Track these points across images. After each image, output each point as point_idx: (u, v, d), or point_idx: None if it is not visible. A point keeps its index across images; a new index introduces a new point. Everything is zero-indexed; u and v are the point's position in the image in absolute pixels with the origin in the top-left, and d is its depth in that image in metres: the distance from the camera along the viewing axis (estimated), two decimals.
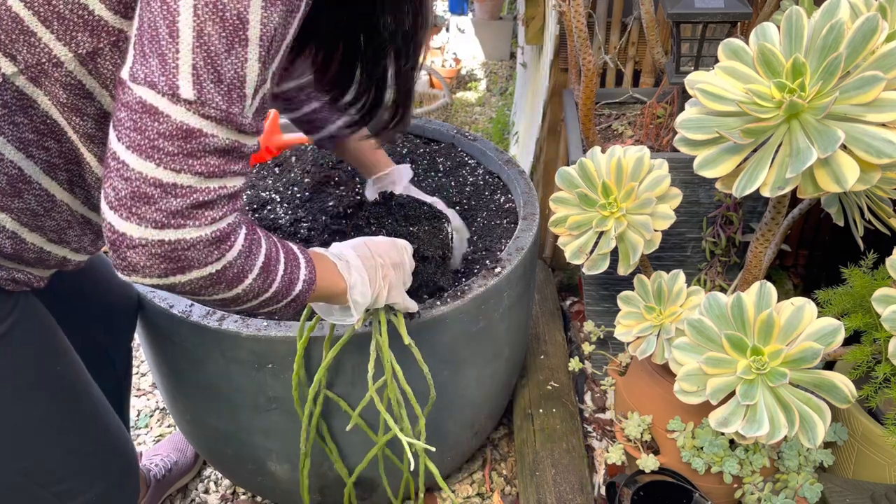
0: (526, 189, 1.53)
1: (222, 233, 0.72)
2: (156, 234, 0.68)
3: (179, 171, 0.67)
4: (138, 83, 0.65)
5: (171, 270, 0.71)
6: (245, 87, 0.68)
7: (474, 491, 1.61)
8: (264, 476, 1.35)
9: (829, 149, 0.88)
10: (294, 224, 1.44)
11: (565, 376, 1.72)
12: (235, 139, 0.70)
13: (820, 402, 1.02)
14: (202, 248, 0.71)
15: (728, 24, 1.40)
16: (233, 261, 0.75)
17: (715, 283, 1.55)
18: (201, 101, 0.66)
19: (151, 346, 1.30)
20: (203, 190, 0.69)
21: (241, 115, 0.69)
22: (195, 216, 0.69)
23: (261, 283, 0.81)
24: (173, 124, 0.66)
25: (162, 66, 0.65)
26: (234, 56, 0.66)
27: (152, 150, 0.66)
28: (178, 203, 0.68)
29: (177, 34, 0.64)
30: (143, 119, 0.66)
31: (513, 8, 4.34)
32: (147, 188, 0.67)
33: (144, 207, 0.67)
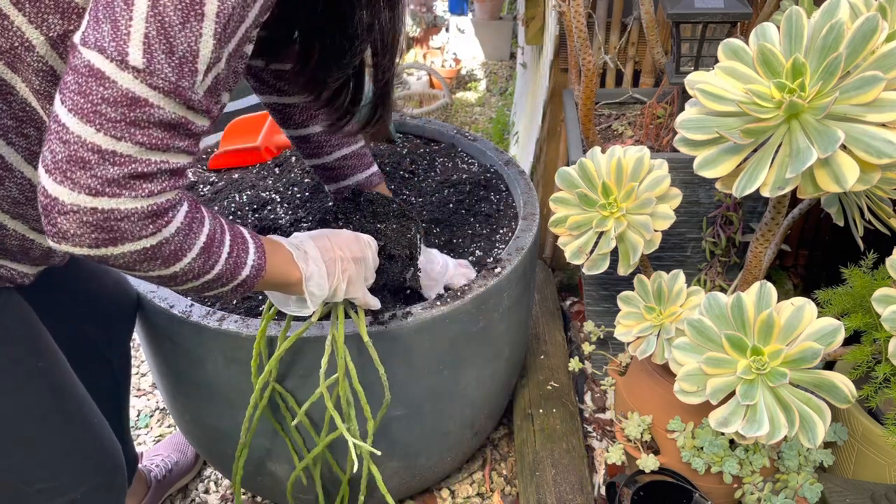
0: (526, 189, 1.53)
1: (159, 207, 0.71)
2: (88, 202, 0.66)
3: (120, 139, 0.66)
4: (88, 47, 0.64)
5: (103, 241, 0.69)
6: (197, 62, 0.67)
7: (474, 491, 1.61)
8: (264, 476, 1.35)
9: (829, 149, 0.88)
10: (294, 224, 1.44)
11: (565, 376, 1.72)
12: (183, 114, 0.69)
13: (820, 402, 1.02)
14: (136, 221, 0.69)
15: (728, 25, 1.40)
16: (170, 237, 0.73)
17: (715, 283, 1.55)
18: (150, 71, 0.65)
19: (151, 345, 1.30)
20: (143, 161, 0.68)
21: (190, 90, 0.68)
22: (132, 186, 0.68)
23: (201, 263, 0.79)
24: (118, 90, 0.64)
25: (114, 31, 0.64)
26: (189, 29, 0.65)
27: (94, 114, 0.65)
28: (114, 171, 0.66)
29: (132, 2, 0.63)
30: (88, 83, 0.64)
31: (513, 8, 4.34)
32: (84, 153, 0.65)
33: (80, 172, 0.65)
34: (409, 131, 1.84)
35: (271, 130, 1.73)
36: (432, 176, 1.65)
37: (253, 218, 1.46)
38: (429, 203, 1.54)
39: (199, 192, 1.58)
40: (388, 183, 1.61)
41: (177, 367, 1.26)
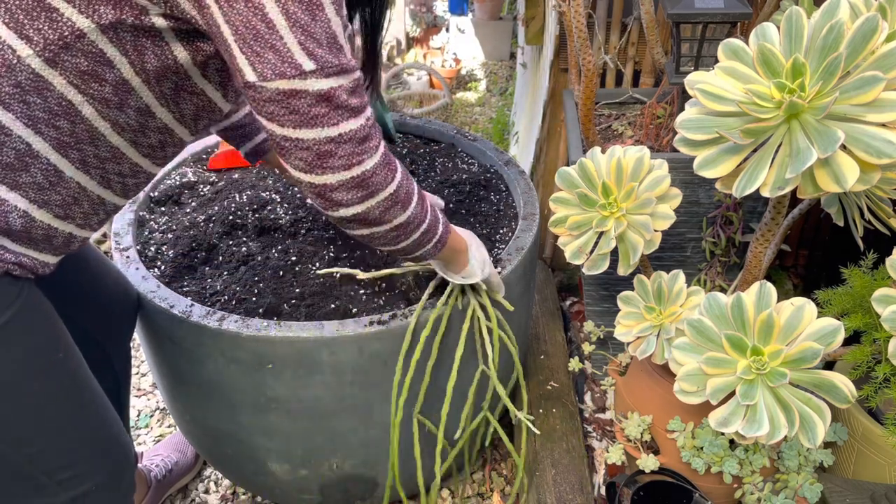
0: (526, 189, 1.53)
1: (384, 156, 0.88)
2: (347, 174, 0.84)
3: (338, 124, 0.81)
4: (270, 79, 0.76)
5: (366, 196, 0.87)
6: (338, 39, 0.79)
7: (474, 491, 1.61)
8: (264, 476, 1.35)
9: (828, 149, 0.88)
10: (294, 224, 1.44)
11: (565, 376, 1.72)
12: (353, 78, 0.82)
13: (820, 403, 1.02)
14: (380, 172, 0.87)
15: (728, 25, 1.40)
16: (400, 181, 0.91)
17: (715, 284, 1.55)
18: (321, 67, 0.77)
19: (151, 346, 1.30)
20: (359, 128, 0.83)
21: (347, 61, 0.80)
22: (366, 150, 0.84)
23: (419, 209, 0.97)
24: (314, 94, 0.78)
25: (278, 55, 0.75)
26: (319, 20, 0.76)
27: (312, 119, 0.79)
28: (349, 147, 0.83)
29: (273, 24, 0.74)
30: (291, 102, 0.78)
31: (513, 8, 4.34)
32: (325, 147, 0.81)
33: (330, 160, 0.82)
34: (409, 131, 1.84)
35: None
36: (432, 176, 1.65)
37: (253, 218, 1.46)
38: None
39: (199, 192, 1.58)
40: None
41: (177, 367, 1.26)
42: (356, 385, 1.19)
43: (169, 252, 1.38)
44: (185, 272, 1.33)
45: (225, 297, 1.26)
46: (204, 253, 1.37)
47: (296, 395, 1.19)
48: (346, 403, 1.21)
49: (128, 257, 1.32)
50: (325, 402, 1.21)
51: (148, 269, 1.31)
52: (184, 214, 1.50)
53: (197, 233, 1.42)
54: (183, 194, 1.57)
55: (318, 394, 1.19)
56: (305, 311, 1.22)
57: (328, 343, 1.13)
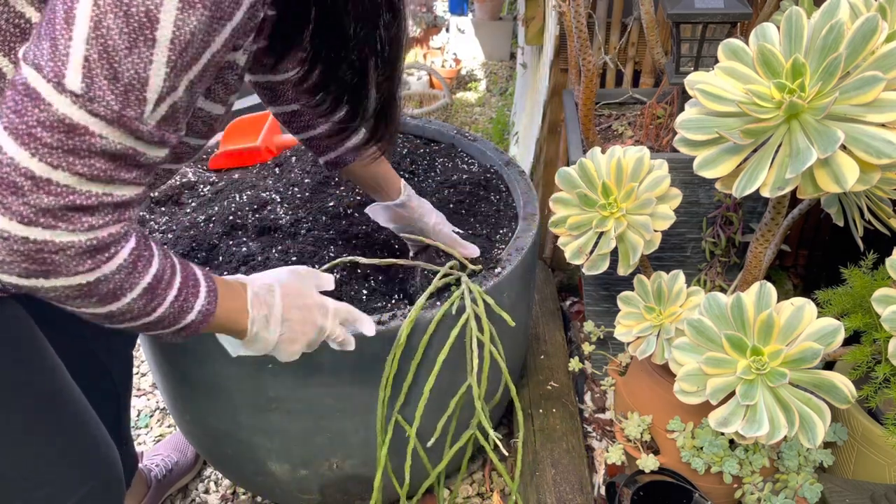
0: (526, 189, 1.53)
1: (100, 242, 0.66)
2: (20, 230, 0.62)
3: (56, 167, 0.61)
4: (27, 63, 0.61)
5: (34, 272, 0.65)
6: (146, 91, 0.62)
7: (474, 491, 1.61)
8: (264, 476, 1.35)
9: (828, 149, 0.88)
10: (294, 224, 1.44)
11: (565, 376, 1.72)
12: (130, 145, 0.64)
13: (820, 403, 1.02)
14: (73, 255, 0.65)
15: (728, 25, 1.40)
16: (109, 275, 0.69)
17: (715, 284, 1.55)
18: (89, 97, 0.60)
19: (151, 346, 1.30)
20: (83, 193, 0.63)
21: (137, 120, 0.63)
22: (69, 218, 0.63)
23: (143, 304, 0.75)
24: (54, 115, 0.60)
25: (52, 50, 0.60)
26: (136, 55, 0.60)
27: (29, 137, 0.60)
28: (49, 201, 0.62)
29: (73, 21, 0.59)
30: (24, 102, 0.60)
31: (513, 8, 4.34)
32: (17, 177, 0.61)
33: (12, 198, 0.61)
34: (409, 131, 1.84)
35: (271, 130, 1.73)
36: (432, 176, 1.65)
37: (253, 218, 1.46)
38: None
39: (199, 192, 1.58)
40: None
41: (177, 366, 1.26)
42: (356, 385, 1.19)
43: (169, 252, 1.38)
44: None
45: None
46: (204, 253, 1.37)
47: (296, 395, 1.19)
48: (346, 403, 1.21)
49: None
50: (325, 402, 1.21)
51: None
52: (184, 214, 1.50)
53: (197, 233, 1.42)
54: (183, 194, 1.57)
55: (318, 394, 1.19)
56: None
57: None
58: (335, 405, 1.21)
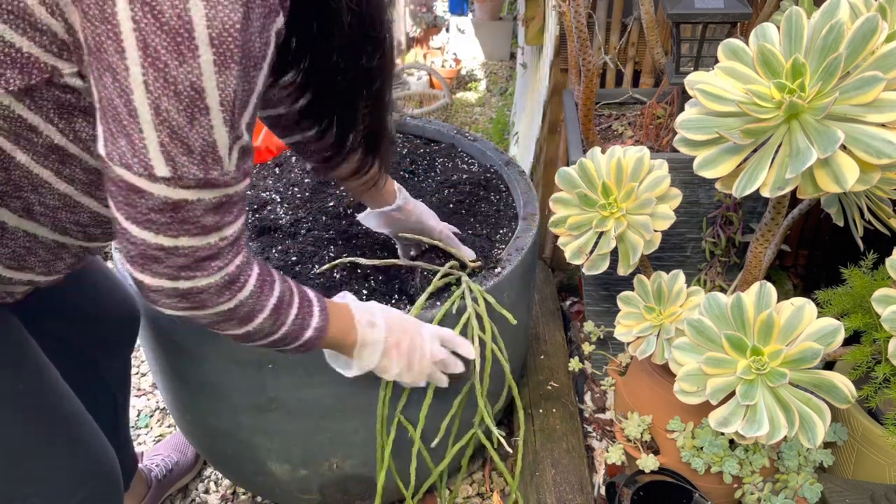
0: (526, 189, 1.53)
1: (231, 276, 0.78)
2: (168, 284, 0.74)
3: (178, 236, 0.71)
4: (115, 163, 0.66)
5: (190, 307, 0.78)
6: (218, 151, 0.68)
7: (474, 491, 1.61)
8: (264, 476, 1.35)
9: (828, 149, 0.88)
10: (294, 224, 1.44)
11: (565, 376, 1.72)
12: (224, 194, 0.71)
13: (820, 403, 1.02)
14: (214, 292, 0.77)
15: (728, 25, 1.40)
16: (244, 300, 0.81)
17: (715, 284, 1.55)
18: (178, 176, 0.67)
19: (151, 345, 1.30)
20: (204, 247, 0.73)
21: (221, 175, 0.69)
22: (203, 268, 0.74)
23: (270, 323, 0.86)
24: (159, 200, 0.67)
25: (131, 146, 0.65)
26: (199, 126, 0.65)
27: (147, 222, 0.69)
28: (183, 261, 0.73)
29: (135, 113, 0.63)
30: (130, 196, 0.68)
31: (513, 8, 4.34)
32: (152, 252, 0.71)
33: (154, 265, 0.72)
34: (409, 131, 1.84)
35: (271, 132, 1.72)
36: (432, 176, 1.65)
37: (253, 218, 1.46)
38: (429, 203, 1.53)
39: None
40: None
41: (177, 367, 1.26)
42: (356, 385, 1.19)
43: None
44: None
45: None
46: None
47: (296, 395, 1.19)
48: (346, 403, 1.21)
49: None
50: (325, 402, 1.21)
51: None
52: None
53: None
54: None
55: (318, 394, 1.19)
56: None
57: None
58: (335, 405, 1.21)
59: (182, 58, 0.61)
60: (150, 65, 0.61)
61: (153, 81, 0.62)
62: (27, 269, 0.83)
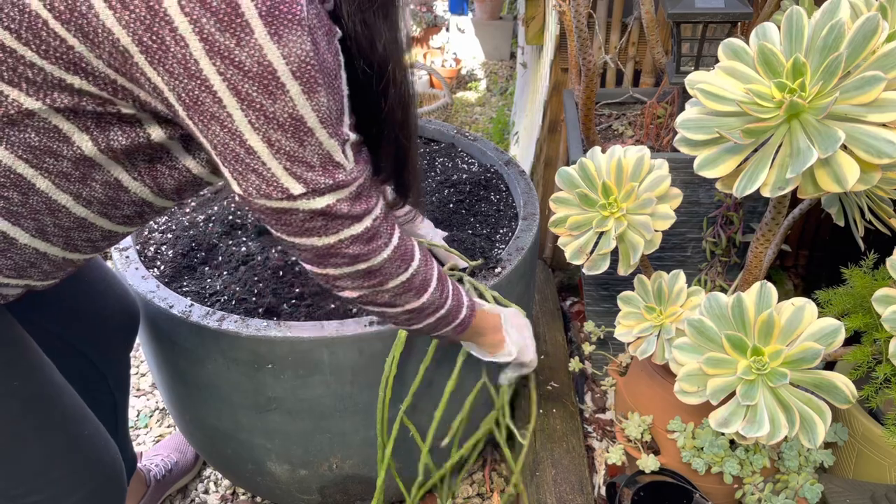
0: (526, 189, 1.53)
1: (398, 248, 0.86)
2: (350, 269, 0.83)
3: (338, 232, 0.78)
4: (255, 198, 0.73)
5: (376, 284, 0.86)
6: (334, 158, 0.74)
7: (474, 491, 1.61)
8: (264, 476, 1.35)
9: (829, 149, 0.87)
10: None
11: (565, 376, 1.71)
12: (355, 187, 0.77)
13: (820, 403, 1.02)
14: (391, 264, 0.85)
15: (728, 24, 1.40)
16: (417, 268, 0.89)
17: (715, 284, 1.55)
18: (312, 189, 0.73)
19: (151, 346, 1.29)
20: (363, 232, 0.80)
21: (346, 175, 0.75)
22: (372, 249, 0.82)
23: (438, 293, 0.94)
24: (306, 213, 0.75)
25: (262, 179, 0.71)
26: (309, 146, 0.71)
27: (307, 232, 0.77)
28: (354, 248, 0.80)
29: (252, 150, 0.69)
30: (282, 218, 0.75)
31: (513, 8, 4.33)
32: (325, 250, 0.79)
33: (332, 259, 0.81)
34: None
35: None
36: (432, 176, 1.65)
37: (253, 218, 1.46)
38: (429, 203, 1.54)
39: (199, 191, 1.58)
40: None
41: (176, 367, 1.26)
42: (356, 385, 1.19)
43: (168, 252, 1.38)
44: (184, 272, 1.33)
45: (225, 297, 1.26)
46: (203, 253, 1.37)
47: (296, 395, 1.19)
48: (346, 403, 1.21)
49: (127, 257, 1.32)
50: (325, 402, 1.21)
51: (147, 268, 1.31)
52: (183, 214, 1.50)
53: (196, 233, 1.42)
54: None
55: (318, 394, 1.19)
56: (305, 311, 1.22)
57: (328, 343, 1.13)
58: (335, 405, 1.21)
59: (273, 97, 0.66)
60: (248, 107, 0.67)
61: (256, 120, 0.67)
62: (26, 278, 0.84)
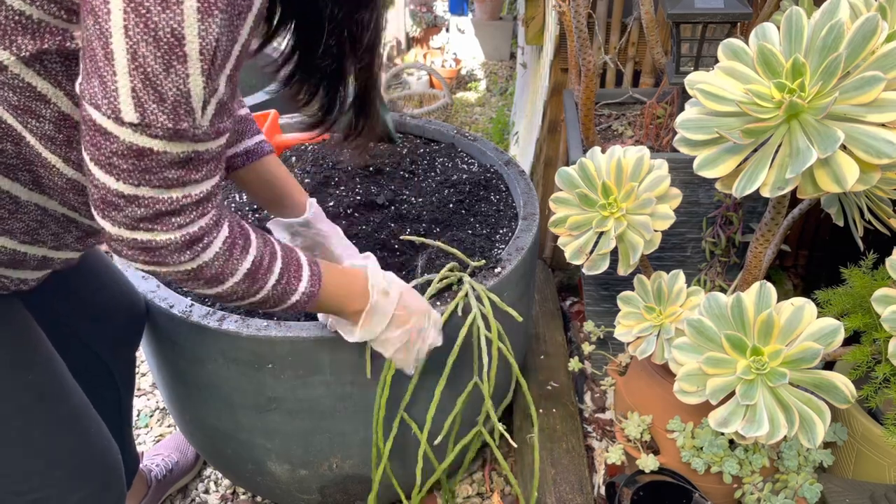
0: (526, 189, 1.53)
1: (192, 236, 0.75)
2: (128, 234, 0.72)
3: (138, 185, 0.69)
4: (86, 101, 0.66)
5: (151, 262, 0.75)
6: (192, 102, 0.67)
7: (474, 491, 1.61)
8: (264, 476, 1.35)
9: (828, 149, 0.88)
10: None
11: (565, 376, 1.72)
12: (192, 149, 0.70)
13: (820, 403, 1.02)
14: (174, 249, 0.75)
15: (728, 25, 1.40)
16: (209, 262, 0.78)
17: (715, 284, 1.55)
18: (146, 124, 0.66)
19: (151, 345, 1.30)
20: (165, 200, 0.71)
21: (192, 129, 0.68)
22: (162, 222, 0.72)
23: (246, 287, 0.84)
24: (123, 144, 0.66)
25: (102, 88, 0.64)
26: (174, 74, 0.64)
27: (109, 166, 0.68)
28: (142, 212, 0.71)
29: (111, 56, 0.63)
30: (96, 137, 0.67)
31: (513, 8, 4.34)
32: (112, 198, 0.70)
33: (114, 212, 0.71)
34: (409, 131, 1.84)
35: (272, 130, 1.73)
36: (432, 176, 1.65)
37: (253, 218, 1.46)
38: (429, 203, 1.54)
39: None
40: (388, 183, 1.61)
41: (177, 366, 1.26)
42: (356, 385, 1.19)
43: None
44: None
45: None
46: None
47: (296, 395, 1.19)
48: (346, 403, 1.21)
49: None
50: (325, 402, 1.21)
51: None
52: None
53: None
54: None
55: (318, 394, 1.19)
56: None
57: (328, 343, 1.13)
58: (335, 405, 1.21)
59: (165, 3, 0.60)
60: (132, 10, 0.61)
61: (133, 27, 0.61)
62: (40, 244, 0.85)
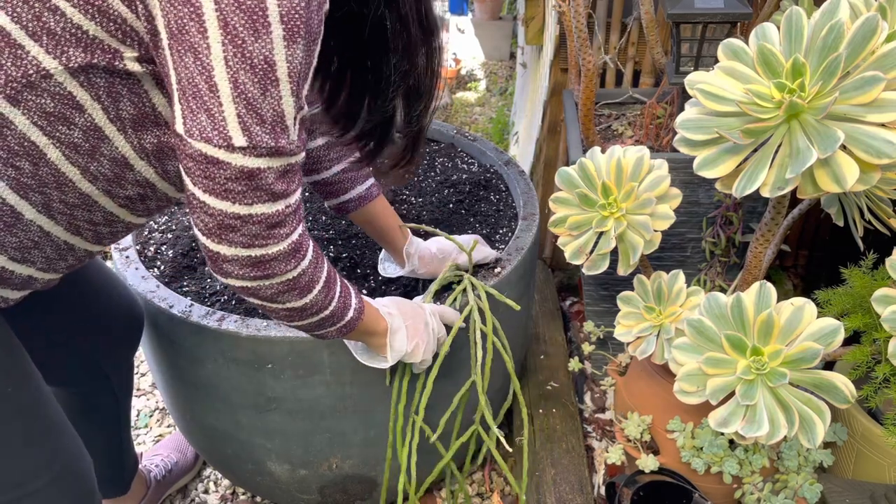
0: (526, 189, 1.53)
1: (296, 243, 0.83)
2: (244, 252, 0.79)
3: (252, 204, 0.76)
4: (195, 139, 0.72)
5: (259, 276, 0.82)
6: (286, 120, 0.74)
7: (474, 491, 1.61)
8: (264, 476, 1.35)
9: (828, 149, 0.88)
10: None
11: (565, 376, 1.72)
12: (290, 162, 0.77)
13: (820, 403, 1.02)
14: (282, 259, 0.82)
15: (728, 25, 1.40)
16: (305, 268, 0.86)
17: (715, 284, 1.55)
18: (253, 145, 0.72)
19: (151, 345, 1.30)
20: (274, 214, 0.78)
21: (288, 144, 0.75)
22: (273, 235, 0.79)
23: (322, 297, 0.91)
24: (235, 169, 0.73)
25: (211, 120, 0.70)
26: (270, 97, 0.71)
27: (225, 192, 0.74)
28: (257, 228, 0.78)
29: (216, 88, 0.69)
30: (209, 168, 0.73)
31: (513, 8, 4.33)
32: (230, 221, 0.76)
33: (231, 234, 0.78)
34: None
35: None
36: (432, 176, 1.65)
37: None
38: (429, 203, 1.54)
39: None
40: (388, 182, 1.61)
41: (176, 366, 1.26)
42: (356, 385, 1.19)
43: (168, 252, 1.38)
44: (184, 272, 1.33)
45: (224, 296, 1.26)
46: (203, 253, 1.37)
47: (296, 395, 1.19)
48: (346, 403, 1.21)
49: (127, 257, 1.32)
50: (324, 402, 1.21)
51: (147, 268, 1.31)
52: (183, 214, 1.50)
53: None
54: None
55: (318, 394, 1.19)
56: None
57: (328, 343, 1.13)
58: (335, 405, 1.21)
59: (257, 34, 0.67)
60: (229, 42, 0.67)
61: (232, 57, 0.68)
62: (28, 263, 0.85)
